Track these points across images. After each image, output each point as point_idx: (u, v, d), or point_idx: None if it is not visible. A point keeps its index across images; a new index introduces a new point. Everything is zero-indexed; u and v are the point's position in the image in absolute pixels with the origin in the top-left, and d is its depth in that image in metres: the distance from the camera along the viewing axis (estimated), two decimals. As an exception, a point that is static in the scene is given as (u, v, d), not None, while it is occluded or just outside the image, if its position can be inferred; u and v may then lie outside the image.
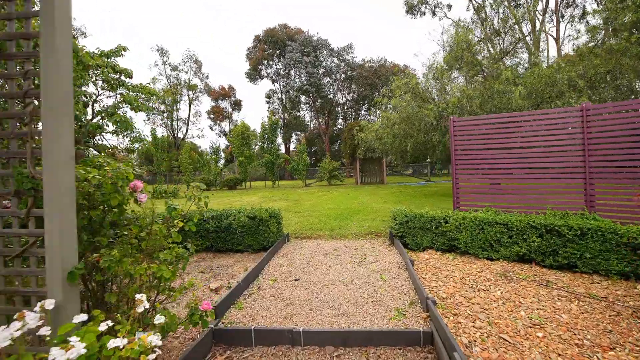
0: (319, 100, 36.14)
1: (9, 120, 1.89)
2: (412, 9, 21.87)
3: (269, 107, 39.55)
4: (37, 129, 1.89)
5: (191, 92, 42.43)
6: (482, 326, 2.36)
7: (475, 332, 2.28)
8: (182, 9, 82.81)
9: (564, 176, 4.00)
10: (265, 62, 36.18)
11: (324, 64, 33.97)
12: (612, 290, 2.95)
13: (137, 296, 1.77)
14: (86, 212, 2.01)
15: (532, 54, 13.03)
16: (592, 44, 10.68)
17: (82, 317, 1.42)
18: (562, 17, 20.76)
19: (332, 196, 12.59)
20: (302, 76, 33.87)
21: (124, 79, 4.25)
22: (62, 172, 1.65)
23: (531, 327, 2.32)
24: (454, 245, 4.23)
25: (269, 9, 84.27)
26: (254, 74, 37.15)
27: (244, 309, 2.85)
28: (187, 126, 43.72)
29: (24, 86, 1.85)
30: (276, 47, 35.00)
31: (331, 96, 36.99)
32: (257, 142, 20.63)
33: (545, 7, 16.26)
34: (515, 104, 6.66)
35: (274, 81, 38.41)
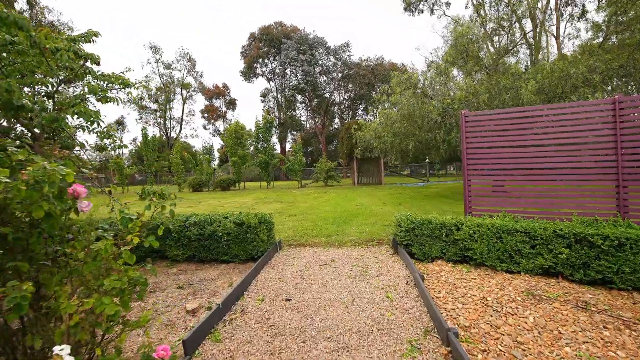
0: (315, 99, 35.61)
1: None
2: (410, 6, 21.45)
3: (264, 106, 38.92)
4: None
5: (185, 91, 41.64)
6: (521, 369, 1.87)
7: (514, 379, 1.78)
8: (182, 9, 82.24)
9: (593, 178, 3.53)
10: (260, 60, 35.53)
11: (320, 63, 33.42)
12: (664, 314, 2.48)
13: (56, 349, 1.25)
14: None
15: (540, 48, 12.65)
16: (596, 41, 10.34)
17: None
18: (562, 15, 20.54)
19: (329, 198, 12.08)
20: (298, 75, 33.29)
21: (91, 67, 3.69)
22: None
23: (584, 371, 1.83)
24: (467, 255, 3.74)
25: (269, 9, 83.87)
26: (249, 73, 36.47)
27: (222, 342, 2.33)
28: (181, 125, 42.90)
29: None
30: (271, 45, 34.38)
31: (327, 95, 36.48)
32: (251, 141, 20.04)
33: (546, 5, 15.96)
34: (526, 99, 6.22)
35: (269, 80, 37.79)
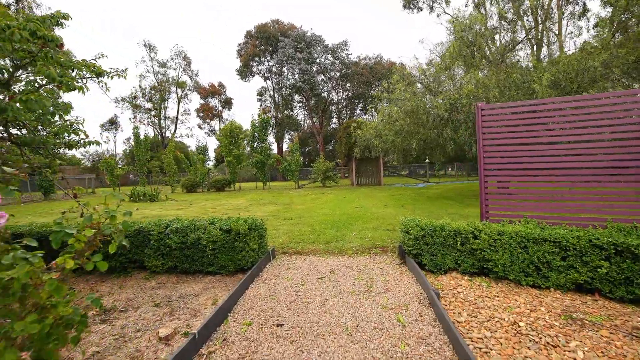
0: (313, 98, 35.12)
1: None
2: (409, 4, 21.10)
3: (261, 105, 38.35)
4: None
5: (180, 90, 40.95)
6: None
7: None
8: (182, 9, 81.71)
9: (632, 179, 3.09)
10: (256, 58, 34.95)
11: (318, 61, 32.93)
12: None
13: None
14: None
15: (542, 46, 12.29)
16: (603, 37, 9.98)
17: None
18: (563, 14, 20.26)
19: (327, 199, 11.61)
20: (295, 73, 32.75)
21: (54, 51, 3.17)
22: None
23: None
24: (486, 267, 3.29)
25: (269, 9, 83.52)
26: (245, 71, 35.87)
27: (194, 388, 1.84)
28: (176, 125, 42.21)
29: None
30: (268, 44, 33.82)
31: (325, 94, 36.01)
32: (247, 141, 19.52)
33: (548, 3, 15.64)
34: (541, 94, 5.80)
35: (266, 79, 37.22)
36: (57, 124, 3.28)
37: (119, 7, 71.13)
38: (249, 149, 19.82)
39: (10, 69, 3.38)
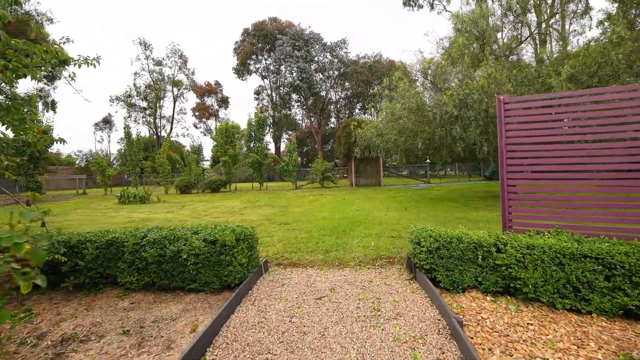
0: (311, 97, 34.61)
1: None
2: (409, 1, 20.65)
3: (258, 104, 37.76)
4: None
5: (176, 89, 40.29)
6: None
7: None
8: (182, 9, 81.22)
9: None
10: (254, 56, 34.35)
11: (316, 60, 32.40)
12: None
13: None
14: None
15: (545, 44, 11.89)
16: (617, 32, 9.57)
17: None
18: (565, 13, 19.91)
19: (326, 201, 11.13)
20: (293, 72, 32.20)
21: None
22: None
23: None
24: (512, 286, 2.82)
25: (269, 9, 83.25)
26: (242, 70, 35.26)
27: None
28: (172, 124, 41.55)
29: None
30: (266, 42, 33.25)
31: (324, 94, 35.49)
32: (244, 140, 18.99)
33: (552, 2, 15.30)
34: (561, 89, 5.36)
35: (263, 77, 36.65)
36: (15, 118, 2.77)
37: (119, 7, 70.58)
38: (245, 148, 19.30)
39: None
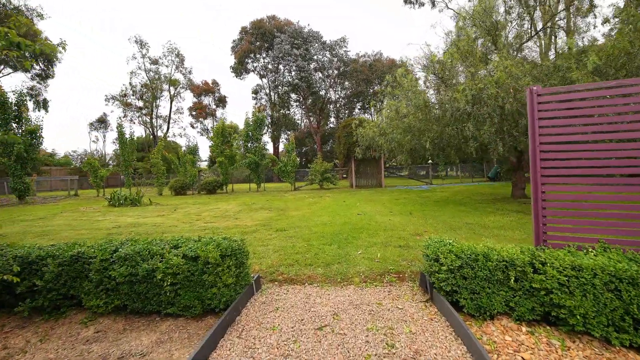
0: (310, 97, 34.11)
1: None
2: (410, -2, 20.17)
3: (256, 104, 37.20)
4: None
5: (173, 88, 39.67)
6: None
7: None
8: (182, 9, 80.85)
9: None
10: (252, 55, 33.78)
11: (315, 58, 31.89)
12: None
13: None
14: None
15: (550, 42, 11.46)
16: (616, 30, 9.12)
17: None
18: (570, 10, 19.49)
19: (325, 204, 10.63)
20: (291, 71, 31.67)
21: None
22: None
23: None
24: (553, 314, 2.33)
25: (269, 9, 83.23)
26: (239, 68, 34.68)
27: None
28: (168, 124, 40.93)
29: None
30: (264, 40, 32.69)
31: (323, 93, 34.98)
32: (242, 141, 18.48)
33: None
34: (585, 82, 4.93)
35: (261, 76, 36.07)
36: None
37: (118, 6, 70.09)
38: (242, 149, 18.78)
39: None
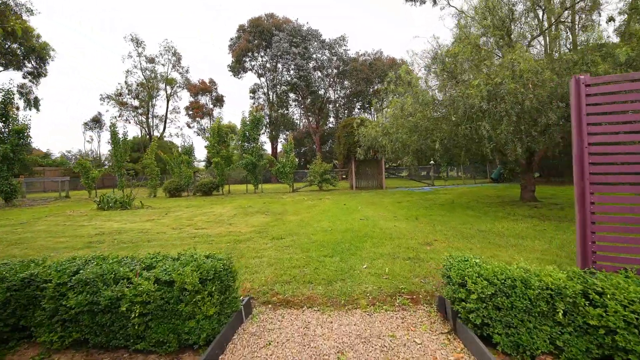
0: (309, 96, 33.61)
1: None
2: (411, -5, 19.70)
3: (254, 103, 36.65)
4: None
5: (169, 87, 39.07)
6: None
7: None
8: (182, 9, 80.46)
9: None
10: (250, 53, 33.22)
11: (314, 57, 31.39)
12: None
13: None
14: None
15: (554, 39, 11.04)
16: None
17: None
18: (568, 8, 19.12)
19: (325, 207, 10.14)
20: (290, 69, 31.15)
21: None
22: None
23: None
24: (614, 358, 1.86)
25: (268, 9, 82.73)
26: (237, 67, 34.11)
27: None
28: (165, 124, 40.32)
29: None
30: (262, 38, 32.14)
31: (322, 92, 34.49)
32: (236, 140, 17.96)
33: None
34: None
35: (259, 75, 35.52)
36: None
37: (118, 6, 69.58)
38: (239, 149, 18.27)
39: None
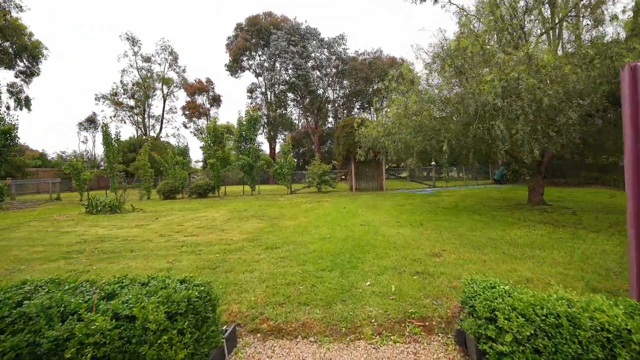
0: (308, 96, 33.14)
1: None
2: (412, -8, 19.30)
3: (251, 103, 36.15)
4: None
5: (166, 87, 38.53)
6: None
7: None
8: (182, 9, 79.92)
9: None
10: (247, 52, 32.70)
11: (313, 56, 30.92)
12: None
13: None
14: None
15: (558, 37, 10.67)
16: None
17: None
18: (576, 6, 18.79)
19: (324, 210, 9.70)
20: (288, 69, 30.67)
21: None
22: None
23: None
24: None
25: (268, 9, 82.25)
26: (234, 66, 33.60)
27: None
28: (161, 124, 39.77)
29: None
30: (260, 37, 31.65)
31: (321, 92, 34.03)
32: (233, 140, 17.50)
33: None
34: None
35: (257, 75, 35.01)
36: None
37: (118, 7, 69.02)
38: (235, 150, 17.80)
39: None
